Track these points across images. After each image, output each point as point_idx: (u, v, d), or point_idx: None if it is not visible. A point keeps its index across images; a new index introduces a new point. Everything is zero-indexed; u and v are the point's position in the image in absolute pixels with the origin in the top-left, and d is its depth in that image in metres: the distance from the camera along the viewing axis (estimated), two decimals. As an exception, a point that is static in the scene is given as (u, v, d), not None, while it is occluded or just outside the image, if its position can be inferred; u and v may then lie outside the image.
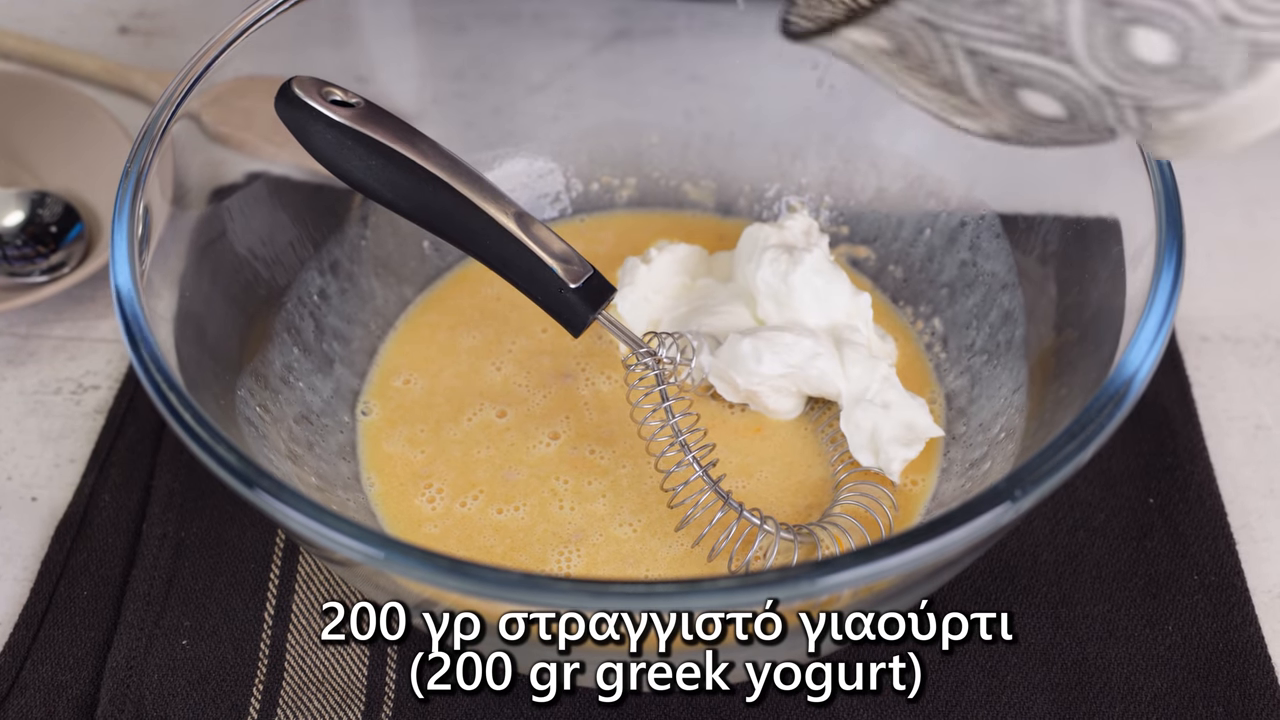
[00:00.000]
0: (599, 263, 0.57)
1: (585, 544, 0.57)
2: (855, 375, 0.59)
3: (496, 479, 0.60)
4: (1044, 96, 0.40)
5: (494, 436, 0.61)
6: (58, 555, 0.61)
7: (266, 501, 0.44)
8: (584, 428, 0.61)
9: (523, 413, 0.62)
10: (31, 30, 0.86)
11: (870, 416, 0.58)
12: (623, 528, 0.58)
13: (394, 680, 0.56)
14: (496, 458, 0.60)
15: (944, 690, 0.56)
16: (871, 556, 0.41)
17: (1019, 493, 0.44)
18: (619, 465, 0.60)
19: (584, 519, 0.58)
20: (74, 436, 0.66)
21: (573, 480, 0.59)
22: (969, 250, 0.64)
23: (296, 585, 0.59)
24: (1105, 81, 0.39)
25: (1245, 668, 0.57)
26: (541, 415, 0.62)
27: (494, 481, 0.59)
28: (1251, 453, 0.65)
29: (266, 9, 0.59)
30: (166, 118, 0.55)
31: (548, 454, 0.60)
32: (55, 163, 0.76)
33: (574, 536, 0.57)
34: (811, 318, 0.61)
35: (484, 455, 0.60)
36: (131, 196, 0.52)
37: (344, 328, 0.64)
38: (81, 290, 0.71)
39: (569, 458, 0.60)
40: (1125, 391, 0.46)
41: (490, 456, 0.60)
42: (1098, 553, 0.60)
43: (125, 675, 0.56)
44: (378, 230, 0.67)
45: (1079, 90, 0.40)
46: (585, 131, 0.72)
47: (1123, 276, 0.53)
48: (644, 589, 0.41)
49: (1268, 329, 0.70)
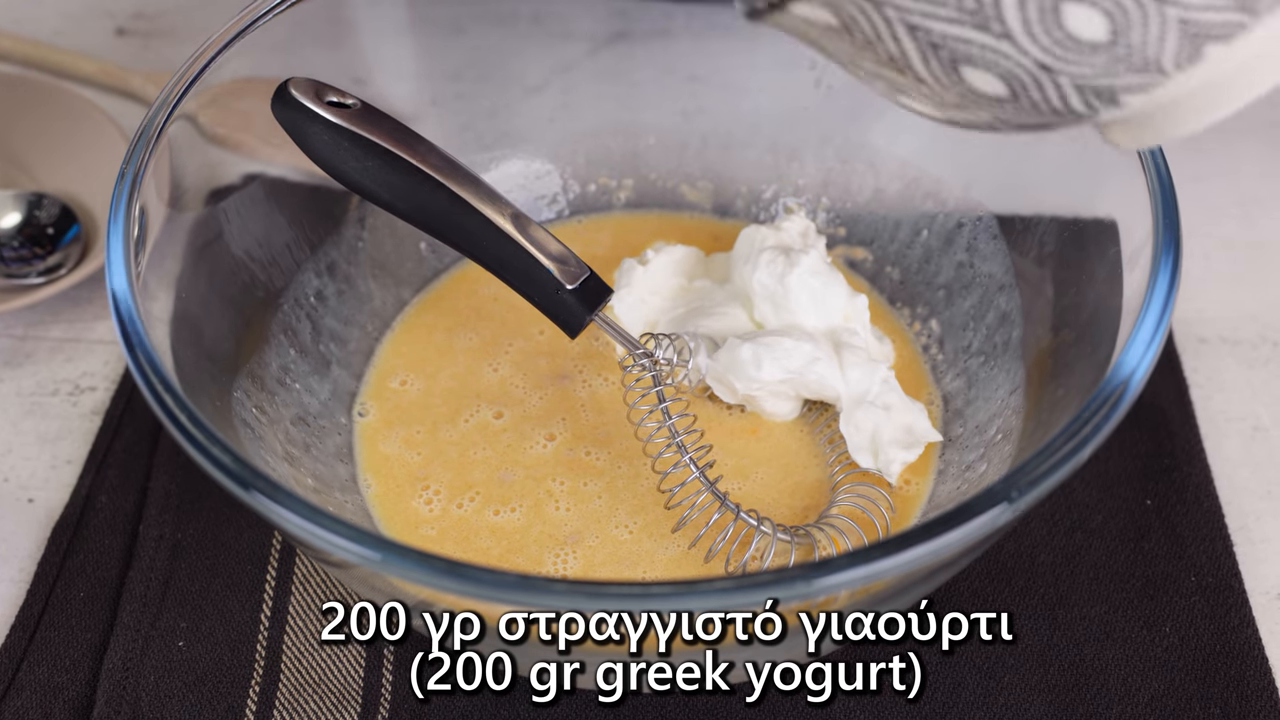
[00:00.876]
0: (596, 264, 0.57)
1: (582, 545, 0.57)
2: (855, 378, 0.59)
3: (493, 480, 0.59)
4: (986, 74, 0.40)
5: (491, 438, 0.61)
6: (54, 556, 0.61)
7: (262, 503, 0.44)
8: (580, 429, 0.61)
9: (519, 414, 0.62)
10: (28, 31, 0.86)
11: (871, 418, 0.58)
12: (619, 529, 0.58)
13: (390, 681, 0.56)
14: (493, 459, 0.60)
15: (942, 691, 0.56)
16: (868, 558, 0.41)
17: (1016, 494, 0.44)
18: (615, 466, 0.60)
19: (580, 520, 0.58)
20: (71, 438, 0.66)
21: (569, 481, 0.59)
22: (966, 252, 0.64)
23: (293, 587, 0.59)
24: (1041, 58, 0.39)
25: (1243, 669, 0.57)
26: (538, 417, 0.62)
27: (490, 483, 0.59)
28: (1249, 454, 0.65)
29: (263, 10, 0.59)
30: (163, 119, 0.55)
31: (544, 455, 0.60)
32: (52, 164, 0.76)
33: (570, 538, 0.57)
34: (808, 319, 0.61)
35: (480, 456, 0.60)
36: (128, 198, 0.52)
37: (341, 329, 0.64)
38: (78, 292, 0.71)
39: (565, 459, 0.60)
40: (1122, 392, 0.46)
41: (487, 458, 0.60)
42: (1095, 554, 0.60)
43: (122, 676, 0.56)
44: (375, 232, 0.67)
45: (1019, 67, 0.40)
46: (582, 133, 0.72)
47: (1120, 277, 0.53)
48: (640, 590, 0.41)
49: (1265, 330, 0.70)
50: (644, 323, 0.64)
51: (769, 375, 0.59)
